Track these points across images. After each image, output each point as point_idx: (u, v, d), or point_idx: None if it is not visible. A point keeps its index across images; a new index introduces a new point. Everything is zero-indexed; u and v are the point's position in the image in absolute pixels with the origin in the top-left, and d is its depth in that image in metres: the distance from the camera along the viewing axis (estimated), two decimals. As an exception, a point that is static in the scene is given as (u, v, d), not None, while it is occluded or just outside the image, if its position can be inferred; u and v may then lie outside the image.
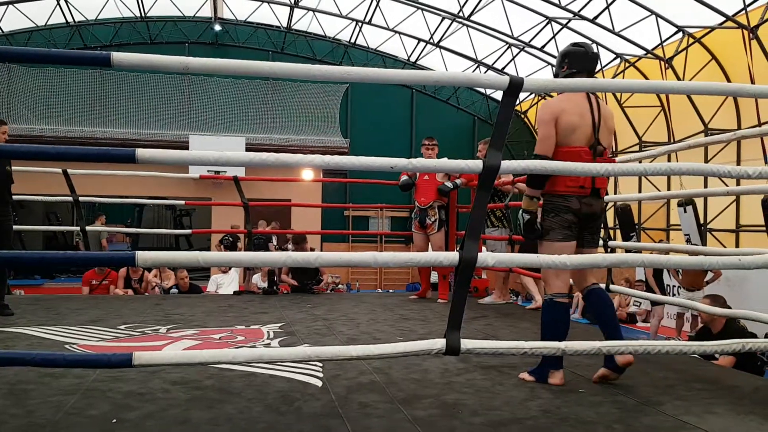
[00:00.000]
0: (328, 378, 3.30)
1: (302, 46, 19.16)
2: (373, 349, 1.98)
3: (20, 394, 2.94)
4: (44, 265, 2.82)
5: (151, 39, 18.45)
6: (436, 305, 6.25)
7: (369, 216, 19.15)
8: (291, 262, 1.88)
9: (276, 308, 5.93)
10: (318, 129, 18.23)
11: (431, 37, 17.90)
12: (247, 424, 2.57)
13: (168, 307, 5.81)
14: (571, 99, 3.29)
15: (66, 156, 1.80)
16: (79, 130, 16.99)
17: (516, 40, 16.67)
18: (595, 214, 3.32)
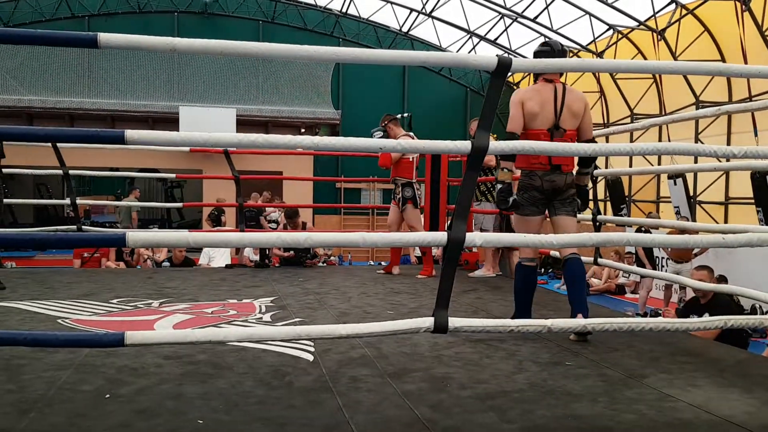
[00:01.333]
0: (319, 352, 3.34)
1: (293, 15, 18.96)
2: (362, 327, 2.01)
3: (14, 369, 2.96)
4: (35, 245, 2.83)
5: (140, 8, 18.21)
6: (428, 279, 6.30)
7: (361, 188, 19.19)
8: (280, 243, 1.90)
9: (268, 282, 5.97)
10: (309, 100, 18.14)
11: (423, 7, 17.75)
12: (239, 398, 2.61)
13: (160, 281, 5.83)
14: (537, 90, 3.80)
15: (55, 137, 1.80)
16: (68, 101, 16.86)
17: (509, 10, 16.55)
18: (560, 188, 3.80)
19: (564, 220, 3.84)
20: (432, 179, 6.99)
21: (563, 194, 3.82)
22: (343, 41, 19.09)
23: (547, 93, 3.78)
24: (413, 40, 19.40)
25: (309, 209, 16.94)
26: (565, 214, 3.84)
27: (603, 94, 16.86)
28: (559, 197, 3.82)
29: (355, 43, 19.16)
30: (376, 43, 19.36)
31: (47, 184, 20.11)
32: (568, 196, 3.86)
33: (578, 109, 3.80)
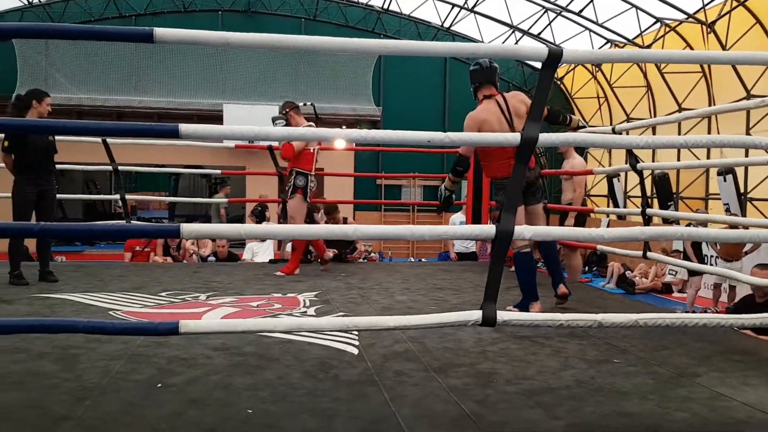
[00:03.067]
0: (363, 346, 3.36)
1: (334, 12, 19.04)
2: (410, 319, 2.01)
3: (70, 358, 3.06)
4: (93, 236, 2.91)
5: (185, 7, 18.51)
6: (470, 275, 6.27)
7: (401, 185, 19.17)
8: (329, 235, 1.91)
9: (311, 276, 6.02)
10: (350, 97, 18.18)
11: (466, 2, 17.62)
12: (287, 389, 2.64)
13: (206, 275, 5.93)
14: (486, 109, 4.24)
15: (114, 132, 1.85)
16: (116, 100, 17.23)
17: (553, 4, 16.31)
18: (530, 183, 4.34)
19: (536, 208, 4.47)
20: (474, 175, 6.95)
21: (533, 187, 4.42)
22: (384, 37, 19.10)
23: (494, 107, 4.24)
24: (455, 36, 19.30)
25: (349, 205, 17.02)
26: (536, 203, 4.47)
27: (650, 88, 16.51)
28: (531, 189, 4.40)
29: (396, 38, 19.14)
30: (417, 38, 19.29)
31: (95, 180, 20.61)
32: (537, 188, 4.50)
33: (522, 111, 4.20)
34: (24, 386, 2.64)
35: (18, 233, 1.87)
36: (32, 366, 2.93)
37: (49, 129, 1.95)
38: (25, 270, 5.25)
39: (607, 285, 12.97)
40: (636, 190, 16.00)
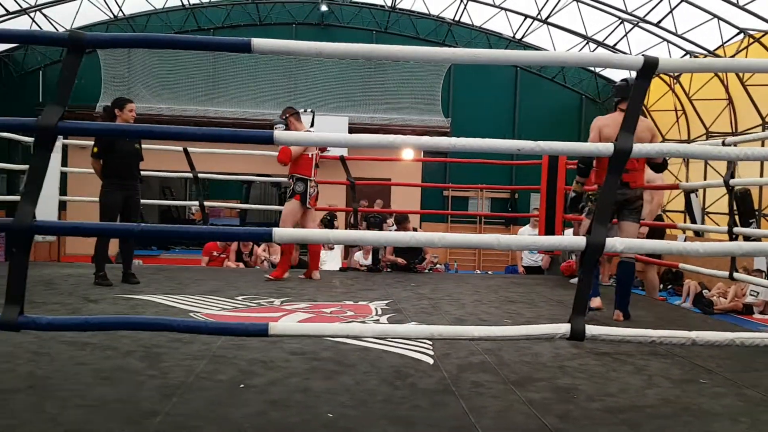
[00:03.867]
0: (438, 356, 3.35)
1: (405, 24, 19.18)
2: (496, 330, 1.99)
3: (154, 357, 3.17)
4: (189, 237, 3.04)
5: (261, 20, 19.01)
6: (542, 289, 6.16)
7: (468, 197, 19.04)
8: (415, 243, 1.92)
9: (381, 286, 6.04)
10: (420, 108, 18.25)
11: (539, 13, 17.43)
12: (365, 395, 2.66)
13: (280, 281, 6.05)
14: (614, 118, 4.59)
15: (214, 137, 1.92)
16: (194, 110, 17.83)
17: (630, 14, 15.95)
18: (629, 200, 4.50)
19: (628, 225, 4.54)
20: (548, 187, 6.84)
21: (632, 204, 4.53)
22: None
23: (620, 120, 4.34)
24: (526, 47, 19.10)
25: (416, 216, 17.02)
26: (630, 221, 4.55)
27: (731, 101, 15.89)
28: (628, 207, 4.52)
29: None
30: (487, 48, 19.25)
31: (171, 187, 21.34)
32: (636, 207, 4.56)
33: (644, 137, 4.41)
34: (114, 381, 2.75)
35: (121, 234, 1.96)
36: (121, 363, 3.05)
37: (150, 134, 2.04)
38: (108, 272, 5.48)
39: (683, 304, 12.50)
40: (715, 207, 15.38)
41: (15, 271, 1.84)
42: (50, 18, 17.60)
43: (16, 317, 1.82)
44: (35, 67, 18.49)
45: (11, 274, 1.85)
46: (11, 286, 1.84)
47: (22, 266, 1.84)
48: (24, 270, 1.85)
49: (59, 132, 1.82)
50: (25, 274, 1.86)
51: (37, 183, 1.84)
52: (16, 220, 1.82)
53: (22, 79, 18.46)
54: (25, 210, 1.82)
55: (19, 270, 1.84)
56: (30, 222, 1.81)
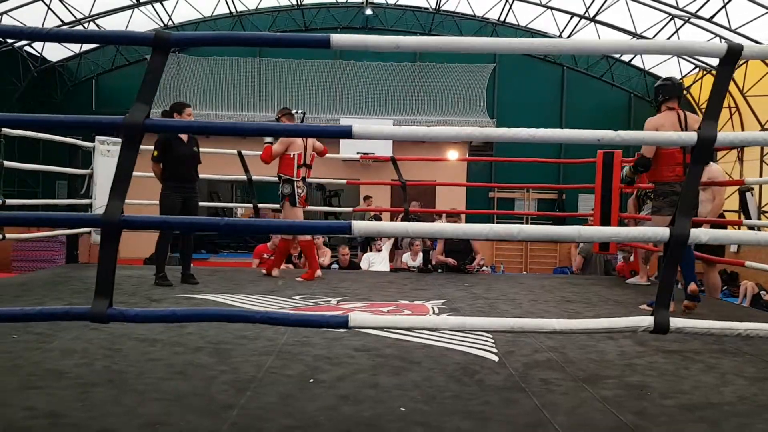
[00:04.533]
0: (502, 354, 3.33)
1: (449, 26, 19.11)
2: (576, 324, 1.96)
3: (223, 353, 3.23)
4: (269, 230, 3.07)
5: (306, 26, 19.20)
6: (599, 288, 6.07)
7: (515, 198, 18.84)
8: (493, 236, 1.91)
9: (434, 286, 6.04)
10: (464, 110, 18.16)
11: (586, 11, 17.17)
12: (434, 391, 2.66)
13: (333, 281, 6.10)
14: (666, 117, 4.79)
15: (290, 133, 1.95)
16: (240, 115, 18.10)
17: (681, 10, 15.59)
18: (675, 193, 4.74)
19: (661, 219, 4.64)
20: (603, 186, 6.73)
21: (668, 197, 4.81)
22: (499, 50, 18.97)
23: (674, 119, 4.77)
24: (572, 46, 18.87)
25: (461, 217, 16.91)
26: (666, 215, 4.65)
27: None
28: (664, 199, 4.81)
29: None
30: (533, 50, 19.02)
31: (218, 191, 21.68)
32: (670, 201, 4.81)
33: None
34: (187, 376, 2.81)
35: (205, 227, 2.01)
36: (191, 358, 3.11)
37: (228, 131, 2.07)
38: (167, 273, 5.60)
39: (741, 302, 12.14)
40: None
41: (104, 264, 1.90)
42: (103, 27, 18.10)
43: (105, 309, 1.88)
44: (88, 77, 19.02)
45: (100, 268, 1.91)
46: (101, 279, 1.90)
47: (111, 260, 1.90)
48: (113, 263, 1.91)
49: (145, 129, 1.87)
50: (114, 268, 1.91)
51: (125, 179, 1.90)
52: (105, 215, 1.88)
53: (76, 87, 19.01)
54: (114, 205, 1.87)
55: (108, 264, 1.90)
56: (119, 217, 1.87)
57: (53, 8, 16.46)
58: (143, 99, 1.89)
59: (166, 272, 5.59)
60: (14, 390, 2.53)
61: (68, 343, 3.36)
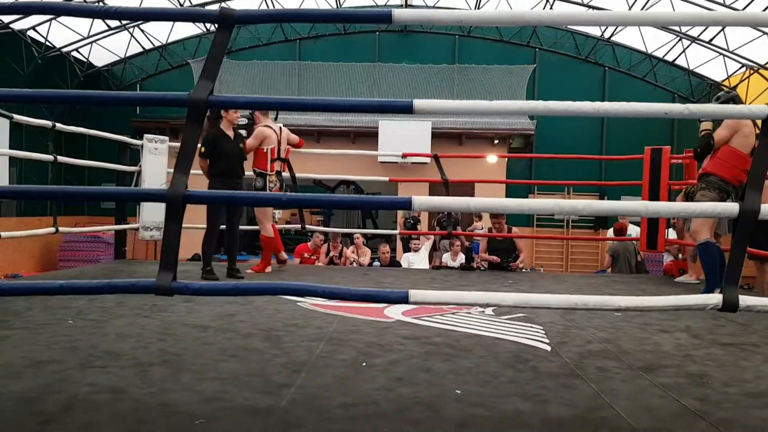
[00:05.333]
0: (555, 344, 3.29)
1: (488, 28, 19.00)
2: (642, 300, 1.92)
3: (274, 339, 3.25)
4: (331, 205, 3.02)
5: (345, 30, 19.30)
6: (646, 287, 5.95)
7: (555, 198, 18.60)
8: (558, 210, 1.88)
9: (477, 282, 6.00)
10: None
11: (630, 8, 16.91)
12: (489, 376, 2.63)
13: (376, 277, 6.10)
14: (745, 124, 4.84)
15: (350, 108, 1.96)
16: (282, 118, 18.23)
17: (728, 7, 15.26)
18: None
19: None
20: (651, 184, 6.60)
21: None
22: (539, 51, 18.81)
23: (751, 128, 4.85)
24: (615, 46, 18.59)
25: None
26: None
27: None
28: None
29: (552, 51, 18.77)
30: (574, 50, 18.80)
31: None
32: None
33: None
34: (241, 359, 2.84)
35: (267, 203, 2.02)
36: (244, 343, 3.15)
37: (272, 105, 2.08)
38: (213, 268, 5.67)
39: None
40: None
41: (169, 239, 1.93)
42: (147, 32, 18.50)
43: (170, 283, 1.91)
44: (133, 81, 19.44)
45: (165, 242, 1.94)
46: (166, 254, 1.93)
47: (176, 234, 1.93)
48: (177, 238, 1.93)
49: (209, 105, 1.90)
50: (178, 242, 1.94)
51: (190, 154, 1.92)
52: (170, 190, 1.91)
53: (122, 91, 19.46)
54: (179, 180, 1.90)
55: (172, 238, 1.92)
56: (183, 192, 1.90)
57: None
58: (207, 75, 1.92)
59: (212, 267, 5.66)
60: (75, 368, 2.59)
61: (122, 328, 3.43)
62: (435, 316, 4.06)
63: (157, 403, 2.16)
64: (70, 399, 2.17)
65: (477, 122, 17.93)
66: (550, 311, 4.40)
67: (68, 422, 1.95)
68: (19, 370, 2.54)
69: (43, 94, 2.14)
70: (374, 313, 4.17)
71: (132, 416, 2.03)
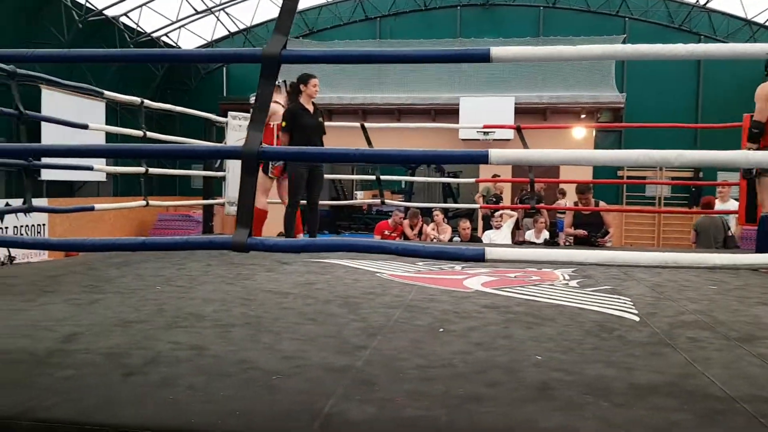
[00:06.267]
0: (643, 314, 3.13)
1: (576, -1, 18.34)
2: (741, 258, 1.74)
3: (352, 305, 3.26)
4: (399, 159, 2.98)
5: (425, 6, 19.11)
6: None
7: (645, 176, 17.83)
8: (647, 161, 1.76)
9: (562, 256, 5.82)
10: (591, 84, 17.32)
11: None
12: (571, 344, 2.53)
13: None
14: None
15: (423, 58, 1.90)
16: (361, 98, 18.32)
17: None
18: None
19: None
20: (751, 152, 6.16)
21: None
22: (629, 20, 17.98)
23: None
24: (711, 13, 17.52)
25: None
26: None
27: None
28: None
29: (642, 21, 17.91)
30: (666, 18, 17.87)
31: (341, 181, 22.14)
32: None
33: None
34: (319, 323, 2.85)
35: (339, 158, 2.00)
36: (322, 308, 3.17)
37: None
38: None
39: None
40: None
41: (244, 196, 1.94)
42: (232, 16, 18.94)
43: (245, 239, 1.92)
44: (219, 65, 20.00)
45: (241, 200, 1.95)
46: (242, 211, 1.95)
47: (251, 191, 1.94)
48: (252, 196, 1.94)
49: (282, 60, 1.89)
50: (254, 200, 1.95)
51: (263, 110, 1.92)
52: (245, 147, 1.92)
53: (209, 75, 20.04)
54: (253, 137, 1.91)
55: (248, 195, 1.93)
56: (258, 148, 1.90)
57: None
58: (281, 30, 1.90)
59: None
60: (161, 328, 2.68)
61: (207, 293, 3.53)
62: (516, 288, 3.96)
63: (236, 360, 2.19)
64: (154, 355, 2.24)
65: (562, 96, 17.37)
66: (638, 284, 4.22)
67: (150, 374, 2.01)
68: (109, 328, 2.65)
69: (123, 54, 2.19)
70: (453, 284, 4.11)
71: (211, 370, 2.07)
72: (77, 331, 2.57)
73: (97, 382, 1.93)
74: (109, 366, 2.10)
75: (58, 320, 2.78)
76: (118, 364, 2.12)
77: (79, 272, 4.30)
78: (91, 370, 2.06)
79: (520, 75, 17.75)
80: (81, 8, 15.13)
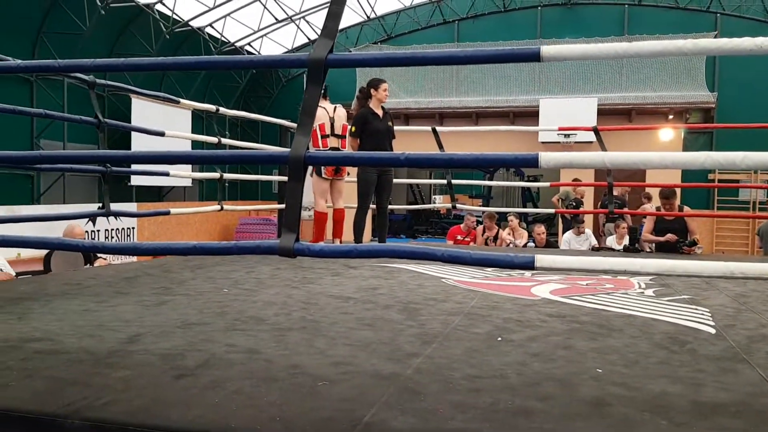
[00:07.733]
0: (721, 327, 2.94)
1: (660, -7, 17.59)
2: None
3: (412, 311, 3.22)
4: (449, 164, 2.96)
5: (505, 7, 18.83)
6: None
7: (739, 179, 16.87)
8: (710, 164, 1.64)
9: (641, 264, 5.57)
10: (679, 83, 16.54)
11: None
12: (637, 356, 2.40)
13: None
14: None
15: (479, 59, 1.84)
16: (438, 101, 18.25)
17: None
18: None
19: None
20: None
21: None
22: (721, 16, 17.08)
23: None
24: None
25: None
26: None
27: None
28: None
29: (736, 17, 16.97)
30: (763, 14, 16.86)
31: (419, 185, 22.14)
32: None
33: None
34: (376, 328, 2.83)
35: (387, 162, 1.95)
36: (381, 314, 3.14)
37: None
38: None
39: None
40: None
41: (291, 201, 1.94)
42: (312, 24, 19.29)
43: (292, 244, 1.92)
44: (300, 72, 20.39)
45: (287, 204, 1.95)
46: (288, 215, 1.95)
47: (298, 196, 1.93)
48: (299, 200, 1.94)
49: (329, 65, 1.88)
50: (300, 204, 1.95)
51: (311, 115, 1.92)
52: (292, 152, 1.92)
53: (290, 83, 20.48)
54: (300, 141, 1.90)
55: (295, 199, 1.93)
56: (304, 153, 1.89)
57: (268, 8, 17.85)
58: (327, 34, 1.89)
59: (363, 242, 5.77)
60: (220, 330, 2.72)
61: (270, 297, 3.57)
62: (587, 296, 3.81)
63: (287, 365, 2.20)
64: (207, 357, 2.27)
65: (648, 96, 16.68)
66: (720, 294, 3.97)
67: (201, 376, 2.04)
68: (170, 330, 2.71)
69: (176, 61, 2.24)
70: (520, 291, 4.00)
71: (260, 374, 2.07)
72: (140, 332, 2.65)
73: (148, 383, 1.98)
74: (163, 367, 2.14)
75: (126, 321, 2.88)
76: (173, 365, 2.16)
77: (155, 274, 4.45)
78: (145, 370, 2.11)
79: (601, 76, 17.18)
80: (168, 20, 15.80)
